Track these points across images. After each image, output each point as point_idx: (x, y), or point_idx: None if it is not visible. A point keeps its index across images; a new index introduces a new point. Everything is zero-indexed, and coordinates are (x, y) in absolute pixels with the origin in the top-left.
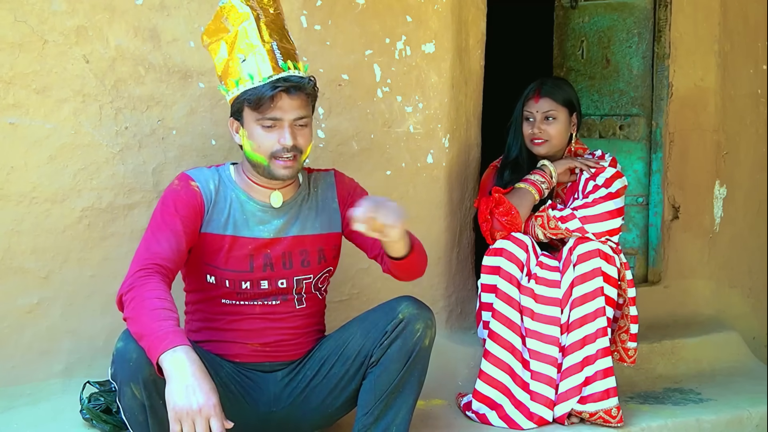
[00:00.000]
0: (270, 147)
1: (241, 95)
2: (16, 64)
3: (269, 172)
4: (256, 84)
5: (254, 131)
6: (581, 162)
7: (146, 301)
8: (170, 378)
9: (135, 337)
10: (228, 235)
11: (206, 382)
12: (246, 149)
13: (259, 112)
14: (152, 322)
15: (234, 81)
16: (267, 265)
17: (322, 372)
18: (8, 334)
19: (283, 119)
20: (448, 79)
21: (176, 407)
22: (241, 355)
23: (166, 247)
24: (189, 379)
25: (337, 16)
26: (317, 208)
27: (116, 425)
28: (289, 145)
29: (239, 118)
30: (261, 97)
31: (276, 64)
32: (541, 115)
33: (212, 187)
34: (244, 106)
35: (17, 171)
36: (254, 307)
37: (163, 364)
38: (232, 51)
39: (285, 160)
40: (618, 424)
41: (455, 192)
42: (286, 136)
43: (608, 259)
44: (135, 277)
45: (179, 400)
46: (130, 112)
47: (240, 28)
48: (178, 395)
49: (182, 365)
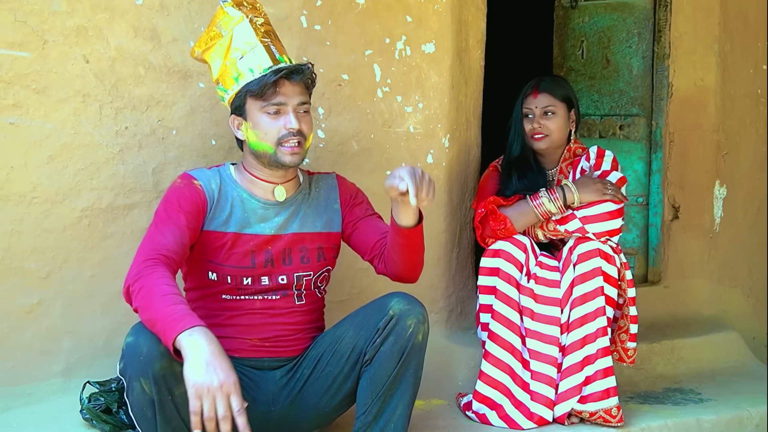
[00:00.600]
0: (276, 133)
1: (243, 88)
2: (16, 64)
3: (276, 159)
4: (256, 76)
5: (259, 120)
6: (611, 194)
7: (156, 288)
8: (189, 357)
9: (147, 325)
10: (230, 233)
11: (225, 361)
12: (251, 141)
13: (264, 100)
14: (165, 306)
15: (233, 78)
16: (268, 261)
17: (318, 370)
18: (8, 334)
19: (288, 104)
20: (448, 79)
21: (197, 384)
22: (241, 351)
23: (171, 239)
24: (209, 357)
25: (337, 16)
26: (318, 207)
27: (116, 425)
28: (295, 129)
29: (241, 112)
30: (264, 84)
31: (274, 57)
32: (540, 110)
33: (214, 186)
34: (247, 98)
35: (17, 171)
36: (254, 302)
37: (180, 345)
38: (227, 53)
39: (291, 147)
40: (618, 424)
41: (455, 192)
42: (291, 120)
43: (608, 259)
44: (141, 266)
45: (200, 377)
46: (130, 112)
47: (235, 30)
48: (198, 372)
49: (200, 344)
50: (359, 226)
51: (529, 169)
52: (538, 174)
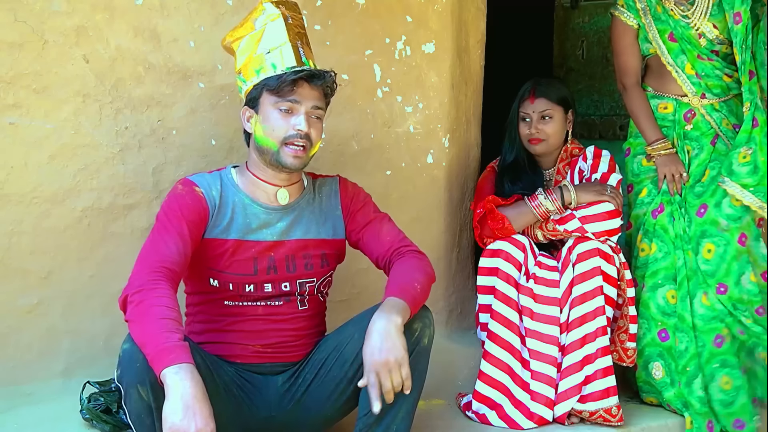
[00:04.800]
0: (284, 131)
1: (262, 82)
2: (16, 64)
3: (277, 159)
4: (278, 72)
5: (270, 114)
6: (610, 195)
7: (154, 309)
8: (170, 396)
9: (137, 343)
10: (231, 240)
11: (206, 407)
12: (258, 135)
13: (279, 96)
14: (159, 332)
15: (255, 70)
16: (271, 267)
17: (321, 374)
18: (8, 334)
19: (301, 104)
20: (448, 79)
21: (174, 426)
22: (242, 357)
23: (174, 249)
24: (190, 401)
25: (337, 16)
26: (322, 213)
27: (116, 425)
28: (303, 131)
29: (254, 105)
30: (283, 81)
31: (299, 58)
32: (538, 114)
33: (215, 193)
34: (263, 91)
35: (17, 171)
36: (257, 308)
37: (165, 379)
38: (257, 44)
39: (295, 149)
40: (618, 424)
41: (455, 192)
42: (301, 122)
43: (608, 259)
44: (145, 279)
45: (177, 420)
46: (130, 112)
47: (268, 26)
48: (176, 414)
49: (185, 384)
50: (363, 236)
51: (524, 173)
52: (535, 175)
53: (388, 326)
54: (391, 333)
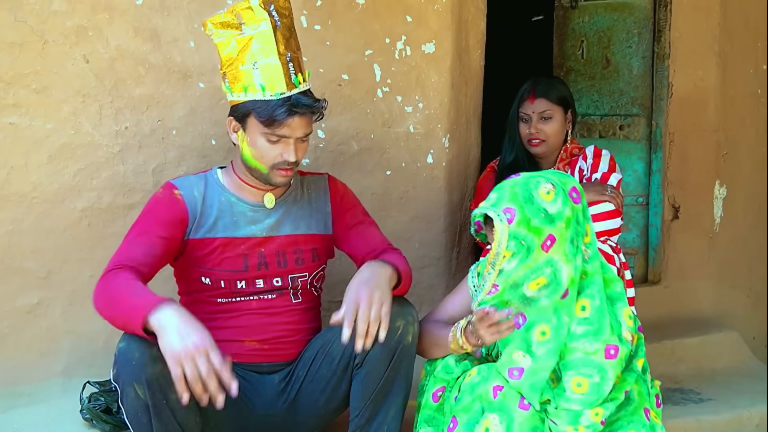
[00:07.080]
0: (273, 159)
1: (250, 104)
2: (16, 64)
3: (267, 179)
4: (266, 98)
5: (258, 141)
6: (610, 195)
7: (120, 289)
8: (161, 332)
9: (115, 324)
10: (219, 238)
11: (197, 324)
12: (245, 154)
13: (268, 128)
14: (130, 297)
15: (242, 86)
16: (262, 263)
17: (311, 373)
18: (8, 334)
19: (291, 137)
20: (448, 79)
21: (173, 351)
22: (239, 355)
23: (139, 252)
24: (179, 325)
25: (337, 16)
26: (311, 209)
27: (116, 425)
28: (292, 161)
29: (242, 122)
30: (274, 118)
31: (289, 80)
32: (537, 115)
33: (197, 194)
34: (252, 116)
35: (17, 171)
36: (251, 303)
37: (151, 326)
38: (244, 52)
39: (285, 171)
40: None
41: (455, 192)
42: (290, 153)
43: (608, 259)
44: (104, 274)
45: (175, 345)
46: (130, 112)
47: (255, 33)
48: (172, 342)
49: (169, 316)
50: (348, 237)
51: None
52: None
53: (379, 270)
54: (380, 274)
